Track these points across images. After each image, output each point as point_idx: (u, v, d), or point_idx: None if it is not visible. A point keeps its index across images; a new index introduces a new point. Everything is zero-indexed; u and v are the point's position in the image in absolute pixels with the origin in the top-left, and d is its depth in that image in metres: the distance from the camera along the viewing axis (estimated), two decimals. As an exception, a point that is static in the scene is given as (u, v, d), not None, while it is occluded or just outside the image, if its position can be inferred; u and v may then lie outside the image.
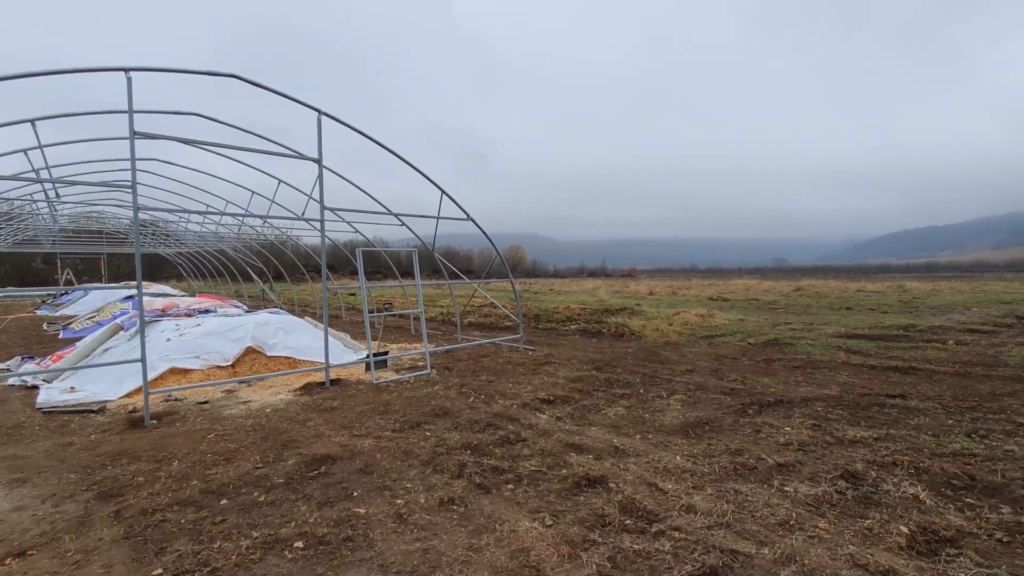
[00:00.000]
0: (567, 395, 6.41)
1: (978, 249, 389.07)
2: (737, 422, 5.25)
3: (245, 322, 8.71)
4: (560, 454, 4.35)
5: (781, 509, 3.31)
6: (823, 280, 42.85)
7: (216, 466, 4.16)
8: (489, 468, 4.03)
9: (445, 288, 15.88)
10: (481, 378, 7.48)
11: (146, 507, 3.41)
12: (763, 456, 4.22)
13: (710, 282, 43.72)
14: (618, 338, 11.98)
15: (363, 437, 4.86)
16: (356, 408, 5.93)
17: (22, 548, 2.92)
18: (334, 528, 3.10)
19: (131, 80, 5.46)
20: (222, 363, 7.74)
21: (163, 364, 7.31)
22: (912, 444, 4.49)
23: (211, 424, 5.41)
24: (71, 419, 5.71)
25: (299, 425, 5.30)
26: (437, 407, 5.86)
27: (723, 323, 13.53)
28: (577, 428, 5.11)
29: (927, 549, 2.89)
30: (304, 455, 4.35)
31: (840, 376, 7.33)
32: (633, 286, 36.35)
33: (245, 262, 19.56)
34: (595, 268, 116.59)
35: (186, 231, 18.14)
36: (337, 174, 8.35)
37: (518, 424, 5.23)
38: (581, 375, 7.56)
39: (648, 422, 5.30)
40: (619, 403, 6.08)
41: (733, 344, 10.52)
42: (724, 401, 6.04)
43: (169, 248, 23.24)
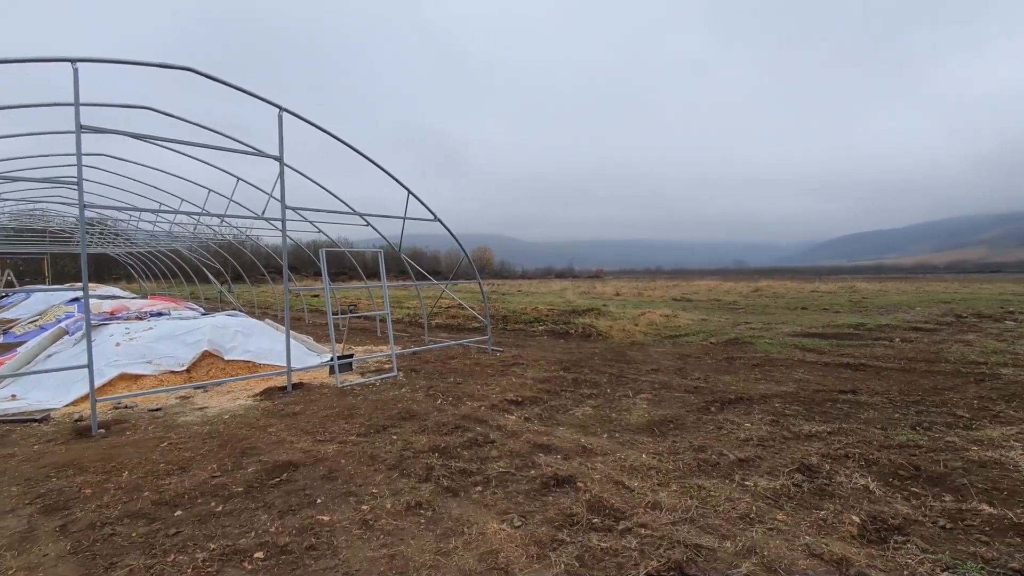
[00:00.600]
0: (535, 396, 6.43)
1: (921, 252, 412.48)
2: (700, 419, 5.38)
3: (201, 325, 8.38)
4: (528, 455, 4.36)
5: (742, 503, 3.41)
6: (780, 281, 44.58)
7: (170, 476, 3.98)
8: (457, 471, 4.00)
9: (412, 289, 15.71)
10: (449, 380, 7.42)
11: (94, 520, 3.22)
12: (725, 452, 4.34)
13: (674, 283, 44.81)
14: (585, 339, 12.11)
15: (327, 442, 4.74)
16: (320, 413, 5.79)
17: (-47, 569, 2.72)
18: (297, 537, 3.01)
19: (77, 71, 5.18)
20: (176, 368, 7.42)
21: (112, 370, 6.95)
22: (862, 437, 4.70)
23: (164, 432, 5.17)
24: (12, 429, 5.36)
25: (259, 431, 5.13)
26: (404, 410, 5.78)
27: (687, 323, 13.87)
28: (545, 428, 5.13)
29: (877, 537, 3.03)
30: (265, 462, 4.21)
31: (796, 373, 7.62)
32: (600, 287, 36.86)
33: (201, 263, 18.83)
34: (563, 269, 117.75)
35: (137, 230, 17.29)
36: (300, 172, 8.14)
37: (486, 426, 5.21)
38: (549, 376, 7.60)
39: (615, 421, 5.38)
40: (586, 403, 6.14)
41: (696, 343, 10.79)
42: (688, 399, 6.19)
43: (118, 248, 22.14)
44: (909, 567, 2.71)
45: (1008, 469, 3.91)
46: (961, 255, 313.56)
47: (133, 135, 6.35)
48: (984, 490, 3.58)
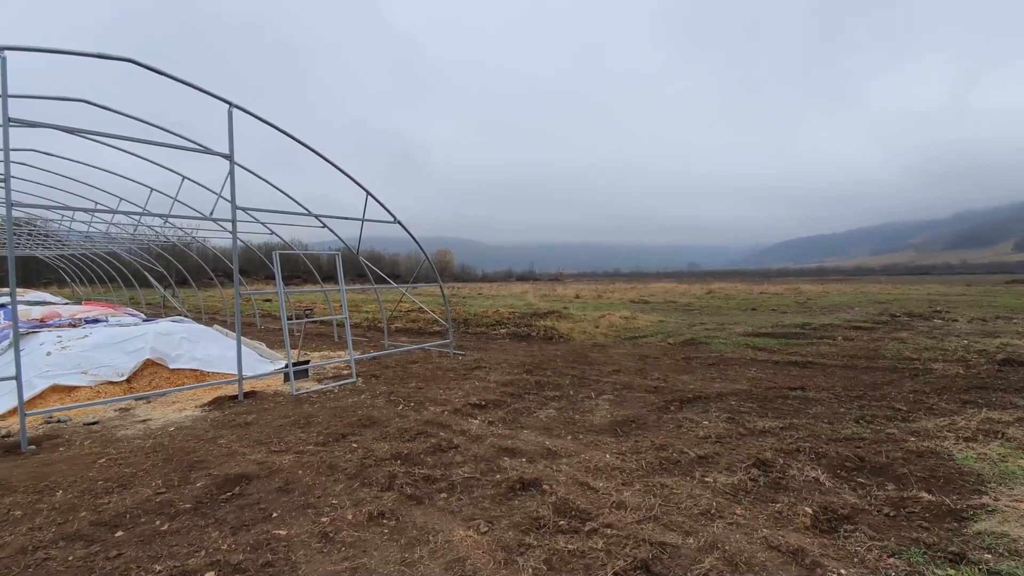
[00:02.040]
0: (499, 399, 6.39)
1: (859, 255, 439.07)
2: (661, 418, 5.50)
3: (143, 332, 7.89)
4: (493, 459, 4.32)
5: (703, 499, 3.49)
6: (731, 283, 46.40)
7: (109, 494, 3.71)
8: (421, 478, 3.92)
9: (371, 293, 15.38)
10: (410, 385, 7.29)
11: (25, 545, 2.96)
12: (685, 450, 4.44)
13: (632, 285, 45.84)
14: (547, 341, 12.18)
15: (282, 453, 4.55)
16: (274, 422, 5.55)
17: None
18: (251, 554, 2.86)
19: (5, 60, 4.79)
20: (115, 378, 6.96)
21: (42, 382, 6.44)
22: (812, 431, 4.92)
23: (102, 447, 4.82)
24: (-79, 450, 4.86)
25: (208, 443, 4.86)
26: (364, 417, 5.63)
27: (645, 324, 14.19)
28: (509, 432, 5.10)
29: (828, 527, 3.17)
30: (215, 476, 3.99)
31: (749, 372, 7.91)
32: (560, 290, 37.26)
33: (142, 266, 17.79)
34: (523, 272, 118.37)
35: (70, 231, 16.15)
36: (251, 171, 7.82)
37: (450, 431, 5.14)
38: (512, 379, 7.58)
39: (578, 423, 5.41)
40: (550, 405, 6.16)
41: (655, 344, 11.04)
42: (649, 399, 6.31)
43: (49, 250, 20.62)
44: (859, 554, 2.84)
45: (943, 458, 4.17)
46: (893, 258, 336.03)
47: (67, 129, 5.93)
48: (923, 479, 3.81)
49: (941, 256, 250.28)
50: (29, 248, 20.26)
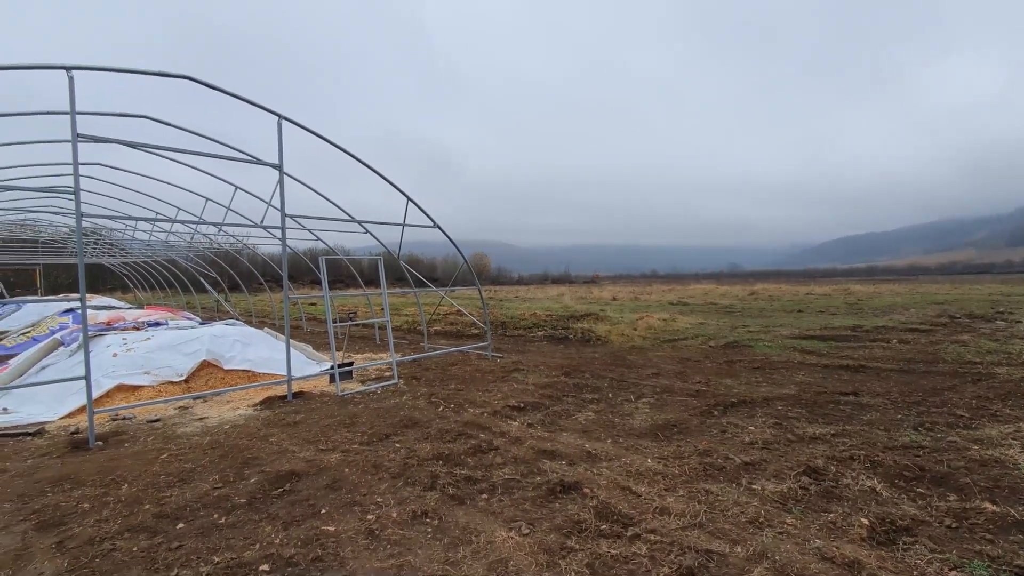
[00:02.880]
0: (537, 401, 6.40)
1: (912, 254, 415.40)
2: (704, 423, 5.37)
3: (200, 335, 8.31)
4: (533, 461, 4.32)
5: (750, 507, 3.39)
6: (775, 284, 44.80)
7: (171, 488, 3.92)
8: (462, 478, 3.97)
9: (410, 296, 15.69)
10: (450, 387, 7.38)
11: (93, 536, 3.16)
12: (730, 456, 4.32)
13: (670, 287, 44.95)
14: (585, 343, 12.10)
15: (329, 451, 4.70)
16: (321, 421, 5.74)
17: (-50, 588, 2.66)
18: (302, 548, 2.97)
19: (73, 79, 5.14)
20: (175, 378, 7.34)
21: (109, 381, 6.87)
22: (866, 439, 4.70)
23: (164, 443, 5.11)
24: (4, 443, 5.28)
25: (261, 441, 5.07)
26: (406, 418, 5.74)
27: (685, 327, 13.89)
28: (549, 434, 5.10)
29: (886, 539, 3.02)
30: (267, 472, 4.16)
31: (797, 376, 7.62)
32: (597, 292, 36.92)
33: (198, 272, 18.73)
34: (559, 275, 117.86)
35: (133, 240, 17.20)
36: (298, 180, 8.12)
37: (490, 432, 5.18)
38: (550, 381, 7.57)
39: (618, 426, 5.35)
40: (589, 408, 6.11)
41: (695, 347, 10.79)
42: (690, 403, 6.17)
43: (113, 258, 22.00)
44: (919, 568, 2.70)
45: (1008, 467, 3.91)
46: (951, 256, 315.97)
47: (130, 144, 6.31)
48: (986, 488, 3.58)
49: (1003, 254, 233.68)
50: (96, 256, 21.67)
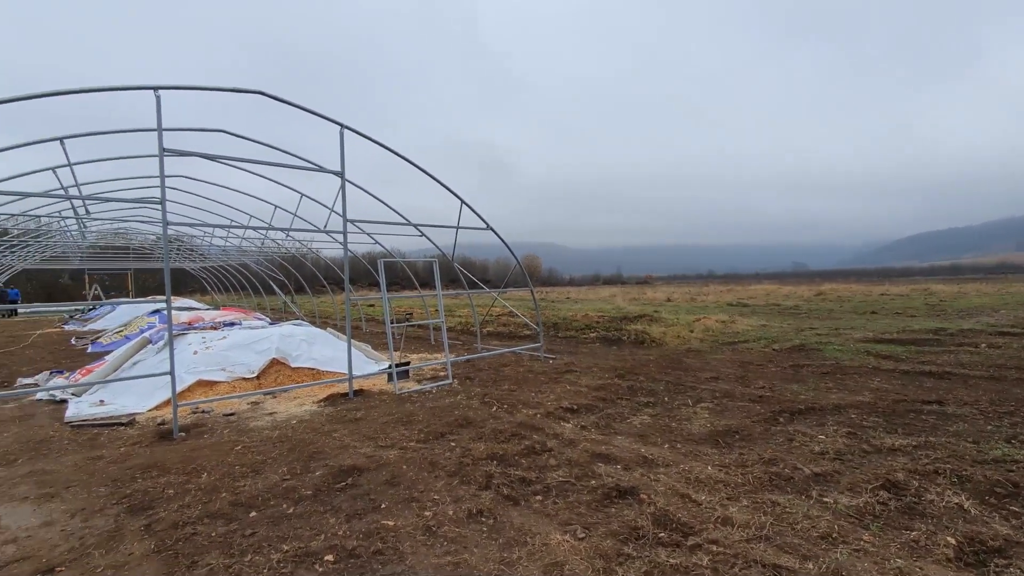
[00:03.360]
0: (591, 404, 6.33)
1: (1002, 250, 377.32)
2: (768, 430, 5.12)
3: (270, 334, 8.81)
4: (587, 464, 4.28)
5: (822, 521, 3.20)
6: (845, 284, 42.03)
7: (244, 478, 4.18)
8: (516, 479, 3.98)
9: (463, 298, 15.95)
10: (503, 387, 7.44)
11: (177, 520, 3.42)
12: (799, 466, 4.09)
13: (728, 288, 43.20)
14: (638, 345, 11.84)
15: (388, 448, 4.85)
16: (380, 419, 5.93)
17: (50, 565, 2.94)
18: (364, 541, 3.08)
19: (160, 98, 5.58)
20: (247, 375, 7.81)
21: (190, 377, 7.40)
22: (953, 451, 4.32)
23: (238, 436, 5.45)
24: (100, 432, 5.80)
25: (324, 436, 5.31)
26: (460, 417, 5.83)
27: (745, 329, 13.30)
28: (603, 437, 5.03)
29: (976, 560, 2.77)
30: (331, 466, 4.35)
31: (872, 382, 7.13)
32: (650, 293, 36.06)
33: (267, 275, 19.87)
34: (610, 276, 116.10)
35: (210, 245, 18.49)
36: (358, 186, 8.44)
37: (543, 434, 5.17)
38: (603, 383, 7.47)
39: (675, 431, 5.20)
40: (644, 411, 5.98)
41: (757, 350, 10.31)
42: (753, 409, 5.90)
43: (194, 263, 23.72)
44: (1021, 598, 2.45)
45: None
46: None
47: (208, 156, 6.78)
48: (1101, 512, 3.20)
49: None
50: (178, 261, 23.46)
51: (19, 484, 4.21)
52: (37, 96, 4.88)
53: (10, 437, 5.63)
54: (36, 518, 3.56)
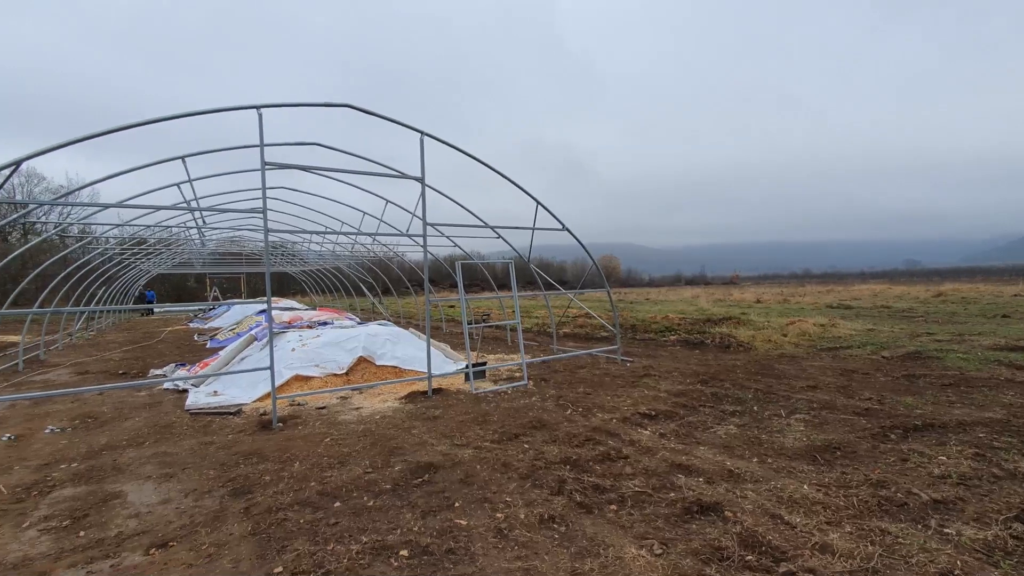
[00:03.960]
0: (670, 410, 6.05)
1: None
2: (876, 448, 4.59)
3: (357, 333, 9.33)
4: (666, 474, 4.08)
5: (942, 555, 2.80)
6: (969, 284, 36.92)
7: (331, 469, 4.43)
8: (590, 486, 3.88)
9: (539, 299, 15.97)
10: (578, 390, 7.32)
11: (271, 505, 3.70)
12: (914, 490, 3.63)
13: (827, 288, 39.61)
14: (724, 349, 11.17)
15: (463, 447, 4.93)
16: (456, 418, 6.06)
17: (164, 539, 3.28)
18: (437, 538, 3.14)
19: (262, 116, 6.10)
20: (337, 371, 8.33)
21: (288, 372, 8.02)
22: (1119, 485, 3.62)
23: (327, 428, 5.81)
24: (213, 420, 6.43)
25: (404, 432, 5.51)
26: (534, 419, 5.81)
27: (848, 333, 12.10)
28: (683, 447, 4.78)
29: None
30: (409, 462, 4.50)
31: (1005, 396, 6.19)
32: (737, 294, 33.96)
33: (357, 278, 21.14)
34: (693, 276, 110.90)
35: (308, 250, 20.03)
36: (437, 191, 8.71)
37: (619, 439, 5.01)
38: (685, 389, 7.12)
39: (766, 444, 4.82)
40: (730, 421, 5.61)
41: (863, 357, 9.34)
42: (858, 423, 5.34)
43: (295, 266, 25.81)
44: None
45: None
46: None
47: (304, 168, 7.31)
48: None
49: None
50: (281, 265, 25.65)
51: (145, 464, 4.77)
52: (160, 120, 5.53)
53: (141, 421, 6.41)
54: (156, 496, 4.01)
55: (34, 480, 4.41)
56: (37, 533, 3.42)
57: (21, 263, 14.14)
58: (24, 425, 6.34)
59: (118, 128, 5.32)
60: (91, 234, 12.86)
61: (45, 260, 10.61)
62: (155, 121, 5.44)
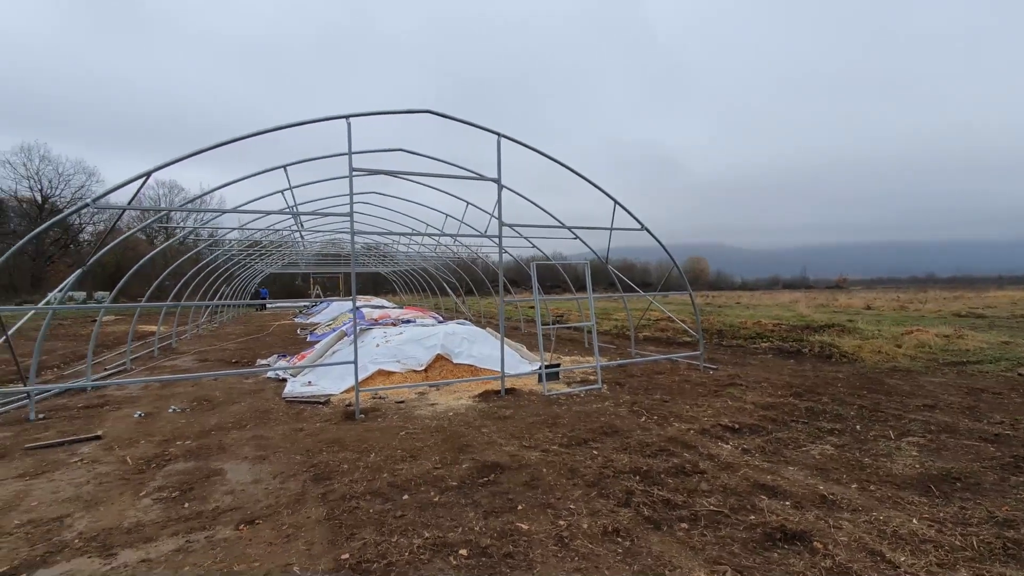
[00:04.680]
0: (756, 424, 5.60)
1: None
2: (1005, 481, 3.93)
3: (436, 332, 9.65)
4: (747, 495, 3.77)
5: (1093, 621, 2.32)
6: None
7: (403, 462, 4.60)
8: (660, 500, 3.68)
9: (619, 301, 15.58)
10: (655, 397, 7.02)
11: (346, 493, 3.90)
12: (1056, 537, 3.05)
13: (955, 294, 34.81)
14: (824, 360, 10.18)
15: (531, 449, 4.90)
16: (527, 419, 6.05)
17: (252, 517, 3.57)
18: (497, 540, 3.13)
19: (350, 125, 6.48)
20: (417, 368, 8.66)
21: (372, 366, 8.46)
22: None
23: (404, 422, 6.04)
24: (304, 408, 6.94)
25: (475, 431, 5.59)
26: (606, 424, 5.64)
27: (979, 346, 10.54)
28: (769, 465, 4.40)
29: None
30: (476, 461, 4.55)
31: None
32: (843, 299, 30.84)
33: (442, 278, 21.92)
34: (792, 279, 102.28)
35: (397, 252, 21.11)
36: (513, 191, 8.77)
37: (695, 452, 4.72)
38: (774, 401, 6.57)
39: (869, 468, 4.30)
40: (826, 440, 5.09)
41: (995, 374, 8.08)
42: (984, 450, 4.61)
43: (386, 267, 27.33)
44: None
45: None
46: None
47: (390, 173, 7.68)
48: None
49: None
50: (374, 266, 27.28)
51: (244, 445, 5.24)
52: (263, 132, 6.08)
53: (245, 406, 7.06)
54: (250, 475, 4.39)
55: (155, 454, 5.01)
56: (151, 502, 3.88)
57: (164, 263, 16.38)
58: (153, 404, 7.24)
59: (224, 142, 5.90)
60: (215, 236, 14.49)
61: (180, 260, 12.14)
62: (255, 135, 5.98)
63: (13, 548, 3.19)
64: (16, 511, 3.74)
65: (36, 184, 43.54)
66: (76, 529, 3.44)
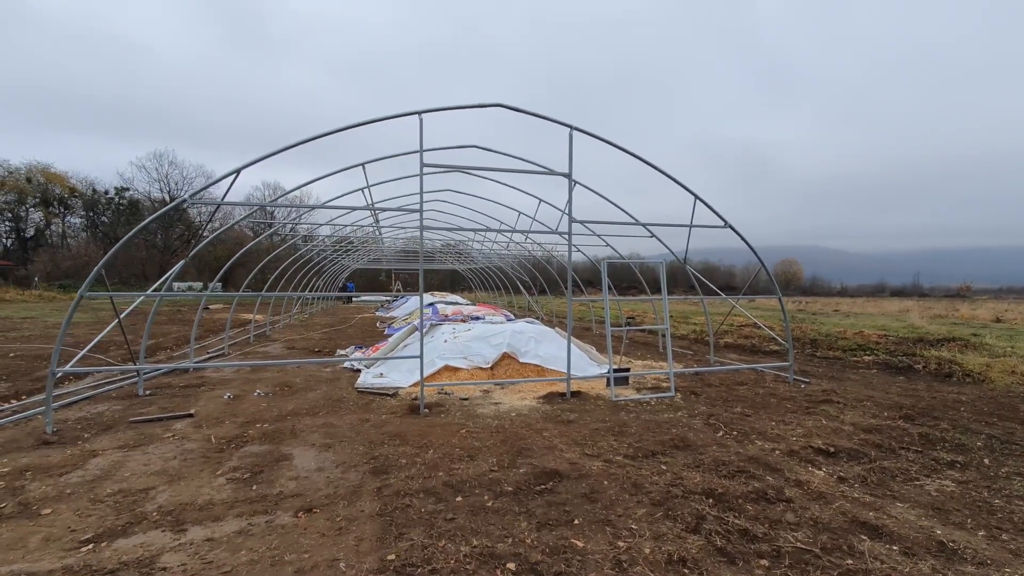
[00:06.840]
0: (856, 448, 4.93)
1: None
2: None
3: (504, 330, 9.56)
4: (844, 533, 3.26)
5: None
6: None
7: (460, 461, 4.50)
8: (736, 529, 3.28)
9: (699, 304, 14.63)
10: (735, 410, 6.43)
11: (400, 489, 3.86)
12: None
13: (1121, 308, 29.36)
14: (942, 379, 8.89)
15: (593, 458, 4.62)
16: (591, 424, 5.75)
17: (311, 505, 3.62)
18: (548, 556, 2.92)
19: (423, 121, 6.51)
20: (483, 365, 8.61)
21: (440, 361, 8.53)
22: None
23: (465, 420, 5.98)
24: (374, 399, 7.11)
25: (535, 434, 5.39)
26: (677, 437, 5.22)
27: None
28: (872, 499, 3.80)
29: None
30: (535, 466, 4.35)
31: None
32: (966, 309, 27.07)
33: (516, 276, 21.94)
34: (903, 285, 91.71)
35: (472, 249, 21.41)
36: (585, 186, 8.46)
37: (781, 477, 4.20)
38: (879, 424, 5.77)
39: (1000, 512, 3.60)
40: (945, 473, 4.35)
41: None
42: None
43: (462, 264, 27.89)
44: None
45: None
46: None
47: (462, 169, 7.66)
48: None
49: None
50: (451, 263, 27.95)
51: (314, 432, 5.42)
52: (339, 130, 6.25)
53: (320, 393, 7.37)
54: (314, 463, 4.50)
55: (236, 435, 5.31)
56: (224, 481, 4.07)
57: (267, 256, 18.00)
58: (241, 387, 7.76)
59: (302, 140, 6.14)
60: (308, 231, 15.49)
61: (274, 253, 13.08)
62: (330, 133, 6.18)
63: (102, 516, 3.45)
64: (111, 480, 4.08)
65: (165, 186, 49.42)
66: (157, 502, 3.67)
